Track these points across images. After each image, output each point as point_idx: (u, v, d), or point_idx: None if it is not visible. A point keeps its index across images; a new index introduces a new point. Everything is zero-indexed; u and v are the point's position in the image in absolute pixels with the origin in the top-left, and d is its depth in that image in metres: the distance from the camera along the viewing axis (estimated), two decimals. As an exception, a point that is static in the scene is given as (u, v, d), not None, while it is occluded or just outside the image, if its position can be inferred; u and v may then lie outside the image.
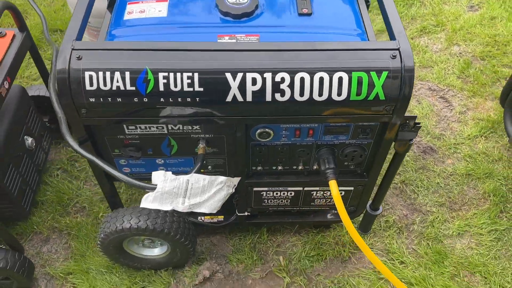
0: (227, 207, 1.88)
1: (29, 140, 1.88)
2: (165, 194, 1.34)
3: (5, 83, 1.57)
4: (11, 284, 1.72)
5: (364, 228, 1.90)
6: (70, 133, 1.32)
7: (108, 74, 1.20)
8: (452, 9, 3.03)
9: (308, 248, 1.91)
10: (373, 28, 1.50)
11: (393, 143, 1.44)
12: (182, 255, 1.75)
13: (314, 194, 1.69)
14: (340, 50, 1.25)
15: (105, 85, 1.20)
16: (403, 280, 1.83)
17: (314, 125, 1.38)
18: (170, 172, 1.37)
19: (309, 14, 1.44)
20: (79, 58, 1.20)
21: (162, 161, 1.52)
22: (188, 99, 1.23)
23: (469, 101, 2.50)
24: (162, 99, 1.23)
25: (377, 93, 1.25)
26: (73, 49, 1.20)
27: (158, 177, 1.34)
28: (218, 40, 1.36)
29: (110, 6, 1.57)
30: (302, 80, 1.23)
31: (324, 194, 1.69)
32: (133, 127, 1.37)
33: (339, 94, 1.25)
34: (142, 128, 1.37)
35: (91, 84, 1.20)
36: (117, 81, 1.20)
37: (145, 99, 1.23)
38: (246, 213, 1.77)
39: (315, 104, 1.26)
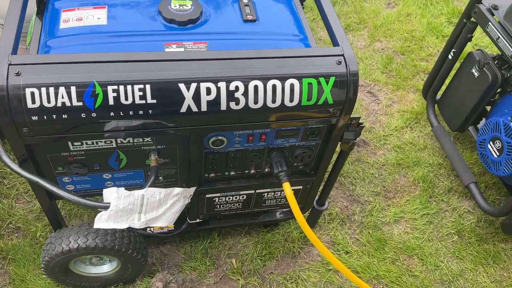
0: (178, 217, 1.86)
1: (-50, 160, 1.70)
2: (120, 212, 1.29)
3: None
4: None
5: (311, 223, 1.97)
6: (6, 152, 1.24)
7: (51, 90, 1.12)
8: (372, 7, 3.21)
9: (259, 247, 1.95)
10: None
11: (339, 143, 1.52)
12: (133, 269, 1.69)
13: (266, 196, 1.72)
14: (291, 57, 1.28)
15: (49, 101, 1.13)
16: (350, 269, 1.92)
17: (266, 130, 1.40)
18: (123, 188, 1.32)
19: (253, 21, 1.46)
20: (18, 74, 1.11)
21: (110, 175, 1.46)
22: (141, 112, 1.19)
23: (394, 94, 2.67)
24: (112, 113, 1.18)
25: (326, 97, 1.30)
26: (10, 64, 1.11)
27: (111, 194, 1.28)
28: (166, 49, 1.33)
29: (40, 14, 1.46)
30: (255, 88, 1.24)
31: (275, 195, 1.73)
32: (79, 143, 1.29)
33: (291, 100, 1.28)
34: (88, 144, 1.30)
35: (34, 102, 1.12)
36: (62, 97, 1.13)
37: (94, 114, 1.17)
38: (197, 220, 1.76)
39: (269, 111, 1.29)
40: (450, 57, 2.20)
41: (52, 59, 1.15)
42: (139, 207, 1.32)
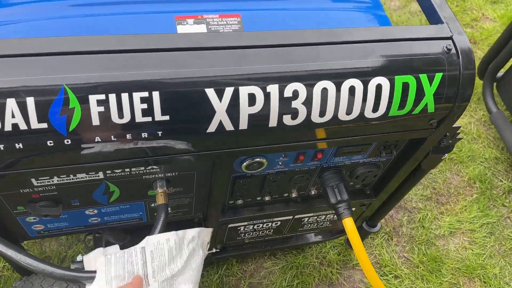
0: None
1: None
2: (114, 280, 0.85)
3: None
4: None
5: (354, 243, 1.57)
6: None
7: (-6, 104, 0.65)
8: (402, -39, 2.70)
9: (289, 275, 1.54)
10: None
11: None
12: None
13: (306, 220, 1.29)
14: (377, 41, 0.82)
15: (-9, 124, 0.66)
16: (401, 299, 1.55)
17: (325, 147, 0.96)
18: (113, 247, 0.88)
19: (308, -19, 0.98)
20: None
21: (96, 211, 1.01)
22: (144, 134, 0.74)
23: (437, 70, 2.22)
24: (97, 138, 0.72)
25: (426, 104, 0.85)
26: None
27: (95, 260, 0.84)
28: (178, 27, 0.86)
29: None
30: (324, 92, 0.78)
31: (318, 219, 1.30)
32: (47, 178, 0.84)
33: (375, 109, 0.83)
34: (61, 178, 0.85)
35: (-39, 125, 0.65)
36: (13, 116, 0.66)
37: (67, 141, 0.70)
38: (214, 251, 1.34)
39: (339, 124, 0.84)
40: (523, 28, 1.75)
41: (-7, 47, 0.67)
42: (142, 267, 0.88)
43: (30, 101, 0.66)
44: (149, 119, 0.72)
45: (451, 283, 1.61)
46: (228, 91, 0.74)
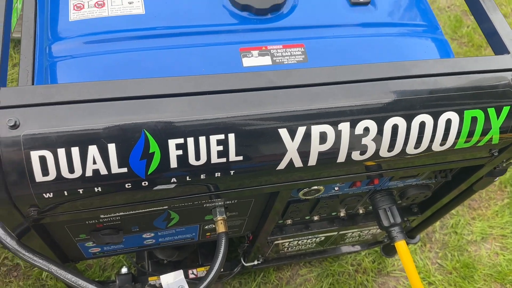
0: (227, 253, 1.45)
1: None
2: None
3: None
4: None
5: (389, 252, 1.58)
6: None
7: (76, 150, 0.65)
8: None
9: (325, 283, 1.56)
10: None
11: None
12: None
13: (349, 235, 1.30)
14: (444, 74, 0.81)
15: (71, 171, 0.66)
16: (434, 306, 1.57)
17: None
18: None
19: (366, 3, 0.96)
20: (14, 126, 0.63)
21: (152, 234, 1.02)
22: (218, 174, 0.74)
23: (466, 70, 2.20)
24: (174, 179, 0.72)
25: (492, 136, 0.85)
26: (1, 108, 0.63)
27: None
28: (243, 58, 0.85)
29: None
30: (394, 128, 0.78)
31: (361, 233, 1.31)
32: (114, 211, 0.84)
33: (442, 143, 0.83)
34: (128, 210, 0.85)
35: (46, 173, 0.65)
36: (94, 162, 0.66)
37: (145, 183, 0.71)
38: (256, 263, 1.35)
39: (406, 158, 0.84)
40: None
41: (72, 92, 0.67)
42: None
43: (111, 148, 0.66)
44: (223, 160, 0.72)
45: (484, 290, 1.64)
46: (301, 130, 0.73)
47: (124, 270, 1.31)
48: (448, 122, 0.80)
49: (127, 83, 0.69)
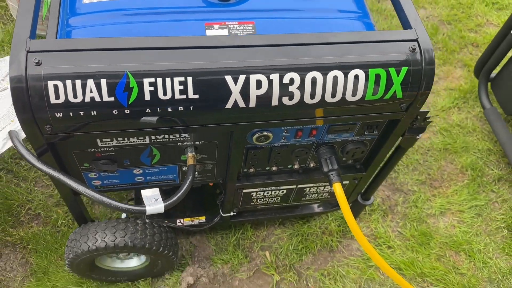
0: (208, 204, 1.72)
1: (-36, 144, 1.56)
2: None
3: None
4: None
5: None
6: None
7: (78, 82, 0.94)
8: (414, -31, 2.92)
9: (294, 241, 1.81)
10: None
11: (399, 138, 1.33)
12: (163, 265, 1.57)
13: (307, 190, 1.56)
14: (356, 42, 1.08)
15: (75, 96, 0.95)
16: (392, 266, 1.79)
17: (318, 125, 1.23)
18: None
19: (308, -6, 1.25)
20: (38, 64, 0.93)
21: (141, 171, 1.30)
22: (181, 108, 1.02)
23: (440, 70, 2.44)
24: (148, 110, 1.01)
25: (395, 91, 1.11)
26: (28, 52, 0.93)
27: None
28: (207, 31, 1.14)
29: (58, -17, 1.26)
30: (313, 80, 1.05)
31: (318, 190, 1.57)
32: (108, 140, 1.14)
33: (353, 94, 1.09)
34: (119, 140, 1.14)
35: (57, 97, 0.95)
36: (91, 91, 0.96)
37: (127, 111, 1.00)
38: (231, 214, 1.62)
39: (326, 106, 1.10)
40: (512, 32, 1.96)
41: (78, 45, 0.97)
42: None
43: (104, 82, 0.95)
44: (184, 96, 1.00)
45: (438, 255, 1.84)
46: (241, 78, 1.01)
47: (123, 216, 1.60)
48: (356, 77, 1.07)
49: (117, 40, 0.99)
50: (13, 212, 1.75)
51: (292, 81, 1.04)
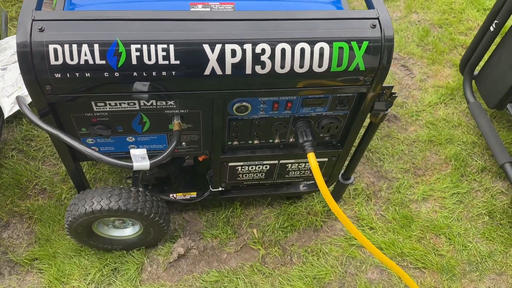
0: (200, 182, 1.85)
1: (-21, 120, 1.73)
2: None
3: (-50, 57, 1.42)
4: (-29, 274, 1.61)
5: (335, 197, 1.92)
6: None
7: (75, 47, 1.10)
8: (409, -23, 3.06)
9: (281, 219, 1.92)
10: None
11: (368, 114, 1.45)
12: (155, 234, 1.70)
13: (289, 167, 1.68)
14: (321, 19, 1.22)
15: (72, 59, 1.10)
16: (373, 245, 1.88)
17: (292, 97, 1.35)
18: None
19: (285, -18, 1.39)
20: (41, 30, 1.09)
21: (133, 138, 1.44)
22: (164, 73, 1.16)
23: (429, 68, 2.56)
24: (135, 74, 1.15)
25: (358, 63, 1.24)
26: (34, 20, 1.09)
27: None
28: (191, 8, 1.29)
29: (66, -28, 1.43)
30: (283, 51, 1.18)
31: (299, 166, 1.68)
32: (102, 104, 1.28)
33: (320, 65, 1.22)
34: (112, 105, 1.29)
35: (56, 58, 1.10)
36: (85, 55, 1.11)
37: (117, 74, 1.14)
38: (220, 189, 1.74)
39: (296, 76, 1.23)
40: (491, 29, 2.07)
41: (76, 15, 1.13)
42: None
43: (96, 47, 1.10)
44: (166, 62, 1.14)
45: (419, 237, 1.93)
46: (218, 47, 1.15)
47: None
48: (321, 49, 1.20)
49: (109, 12, 1.14)
50: (21, 187, 1.91)
51: (263, 51, 1.17)
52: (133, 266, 1.74)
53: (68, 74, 1.12)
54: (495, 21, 2.05)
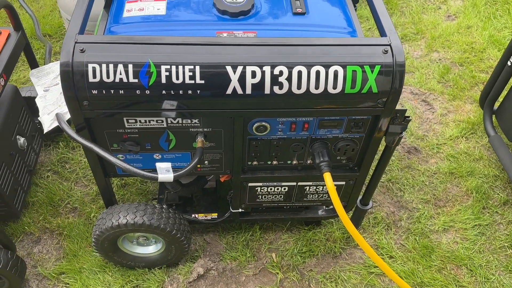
0: (221, 205, 1.92)
1: (21, 140, 1.87)
2: None
3: (1, 79, 1.58)
4: (2, 284, 1.70)
5: (355, 224, 1.94)
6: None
7: (111, 66, 1.22)
8: (430, 18, 3.17)
9: (300, 244, 1.95)
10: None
11: (383, 137, 1.51)
12: (176, 252, 1.76)
13: (307, 189, 1.73)
14: (336, 45, 1.31)
15: (108, 77, 1.23)
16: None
17: (309, 119, 1.43)
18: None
19: (303, 13, 1.50)
20: (82, 51, 1.22)
21: (160, 156, 1.54)
22: (190, 92, 1.27)
23: (450, 104, 2.60)
24: (164, 91, 1.26)
25: (370, 86, 1.31)
26: (76, 42, 1.23)
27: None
28: (217, 36, 1.41)
29: (107, 7, 1.59)
30: (299, 73, 1.28)
31: (317, 189, 1.74)
32: (133, 121, 1.39)
33: (334, 87, 1.30)
34: (142, 122, 1.40)
35: (94, 76, 1.23)
36: (120, 74, 1.23)
37: (147, 91, 1.26)
38: (240, 210, 1.80)
39: (312, 97, 1.32)
40: (509, 63, 2.12)
41: (113, 39, 1.26)
42: None
43: (130, 67, 1.23)
44: (192, 82, 1.25)
45: (439, 267, 1.91)
46: (239, 69, 1.26)
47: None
48: (336, 72, 1.29)
49: (143, 37, 1.28)
50: (54, 205, 2.02)
51: (281, 73, 1.27)
52: (154, 284, 1.79)
53: (104, 91, 1.25)
54: (512, 56, 2.10)
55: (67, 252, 1.87)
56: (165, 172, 1.37)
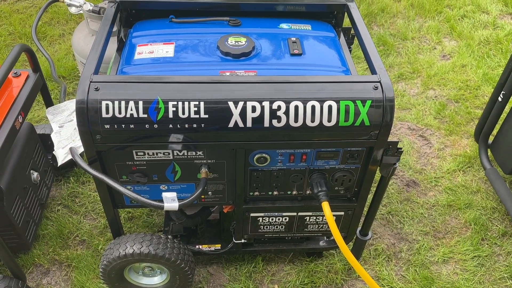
0: (224, 236, 1.98)
1: (35, 175, 1.97)
2: None
3: (19, 117, 1.69)
4: (12, 314, 1.75)
5: (355, 255, 1.99)
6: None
7: (123, 103, 1.33)
8: (426, 58, 3.31)
9: (302, 276, 1.99)
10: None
11: (378, 168, 1.59)
12: (181, 283, 1.80)
13: (308, 220, 1.79)
14: (329, 82, 1.42)
15: (120, 113, 1.34)
16: (394, 305, 1.90)
17: (307, 150, 1.52)
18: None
19: (300, 54, 1.63)
20: (96, 89, 1.34)
21: (166, 187, 1.63)
22: (194, 125, 1.37)
23: (446, 139, 2.69)
24: (170, 125, 1.37)
25: (363, 119, 1.41)
26: (91, 82, 1.34)
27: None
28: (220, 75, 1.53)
29: (119, 50, 1.73)
30: (296, 108, 1.38)
31: (317, 220, 1.80)
32: (142, 153, 1.49)
33: (329, 120, 1.40)
34: (149, 154, 1.49)
35: (107, 112, 1.33)
36: (131, 109, 1.34)
37: (156, 126, 1.36)
38: (243, 241, 1.86)
39: (308, 130, 1.41)
40: (499, 99, 2.22)
41: (125, 79, 1.38)
42: None
43: (141, 103, 1.33)
44: (197, 116, 1.36)
45: (440, 298, 1.94)
46: (240, 104, 1.36)
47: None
48: (330, 107, 1.39)
49: (152, 76, 1.39)
50: (63, 237, 2.09)
51: (279, 107, 1.37)
52: (159, 315, 1.83)
53: (115, 125, 1.35)
54: (502, 92, 2.20)
55: (75, 283, 1.92)
56: (170, 201, 1.45)
